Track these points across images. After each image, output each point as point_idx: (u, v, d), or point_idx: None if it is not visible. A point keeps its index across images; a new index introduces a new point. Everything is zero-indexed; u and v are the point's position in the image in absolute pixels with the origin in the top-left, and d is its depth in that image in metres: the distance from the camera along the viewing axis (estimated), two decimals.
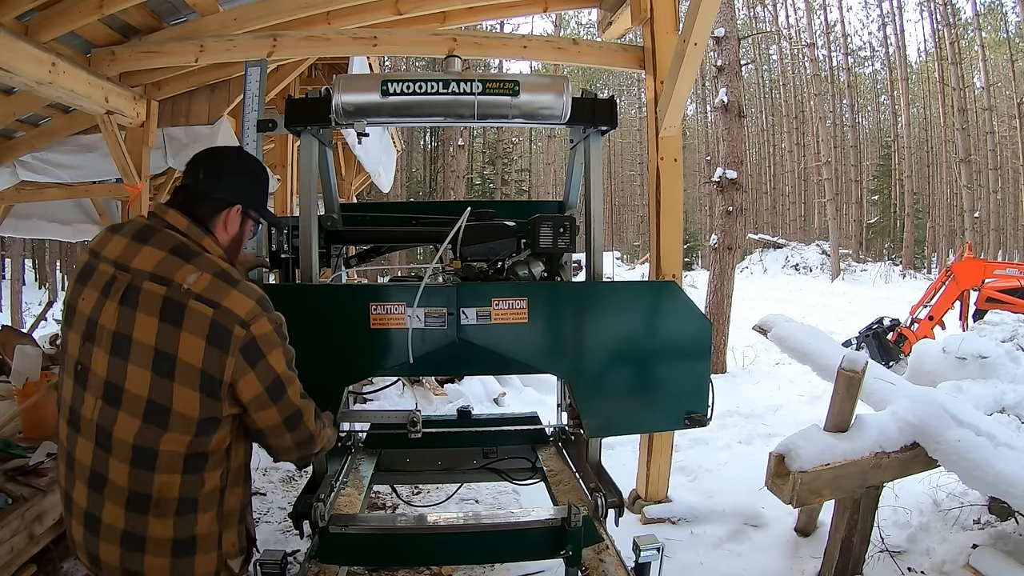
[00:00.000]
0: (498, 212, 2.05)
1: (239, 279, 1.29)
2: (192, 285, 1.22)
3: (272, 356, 1.27)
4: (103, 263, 1.28)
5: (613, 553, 1.84)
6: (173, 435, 1.20)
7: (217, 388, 1.21)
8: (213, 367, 1.21)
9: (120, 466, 1.20)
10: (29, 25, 2.93)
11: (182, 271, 1.23)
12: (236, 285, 1.26)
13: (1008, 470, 2.14)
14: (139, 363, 1.20)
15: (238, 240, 1.43)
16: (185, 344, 1.20)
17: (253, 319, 1.24)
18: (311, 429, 1.38)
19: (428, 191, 28.17)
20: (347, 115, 1.83)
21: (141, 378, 1.20)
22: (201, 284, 1.23)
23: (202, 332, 1.20)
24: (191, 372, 1.20)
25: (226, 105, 3.96)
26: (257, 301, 1.26)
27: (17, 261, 16.72)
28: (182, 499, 1.23)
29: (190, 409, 1.20)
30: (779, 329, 3.05)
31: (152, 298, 1.22)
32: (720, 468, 4.02)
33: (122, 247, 1.28)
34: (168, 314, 1.21)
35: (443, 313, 1.78)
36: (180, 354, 1.20)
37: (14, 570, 2.13)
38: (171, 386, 1.20)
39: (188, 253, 1.27)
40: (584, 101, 1.93)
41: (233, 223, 1.39)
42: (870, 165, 30.28)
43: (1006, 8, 25.28)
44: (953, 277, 7.06)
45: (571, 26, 34.65)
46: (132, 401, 1.20)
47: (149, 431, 1.20)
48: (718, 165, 7.85)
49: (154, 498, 1.21)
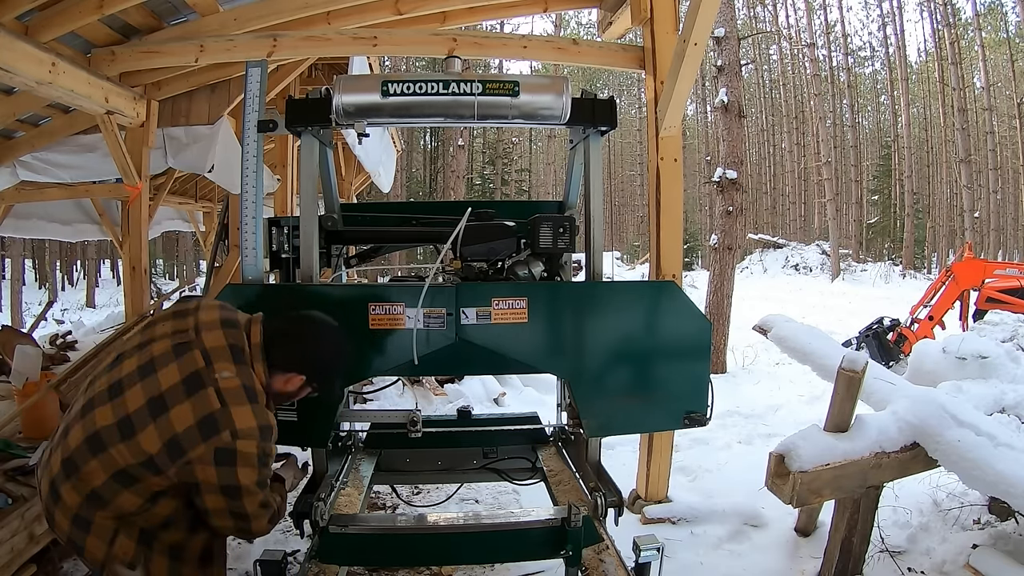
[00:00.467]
0: (498, 212, 2.05)
1: (260, 402, 1.44)
2: (222, 380, 1.40)
3: (242, 471, 1.39)
4: (192, 318, 1.50)
5: (613, 553, 1.84)
6: (124, 448, 1.36)
7: (178, 455, 1.36)
8: (186, 441, 1.35)
9: (82, 447, 1.38)
10: (29, 25, 2.93)
11: (224, 364, 1.42)
12: (253, 404, 1.41)
13: (1008, 470, 2.14)
14: (145, 389, 1.39)
15: (290, 395, 1.60)
16: (181, 411, 1.36)
17: (245, 435, 1.38)
18: (255, 530, 1.50)
19: (428, 191, 28.17)
20: (347, 115, 1.83)
21: (137, 397, 1.39)
22: (228, 384, 1.40)
23: (198, 415, 1.36)
24: (168, 428, 1.36)
25: (226, 105, 3.96)
26: (260, 427, 1.40)
27: (17, 261, 16.71)
28: (95, 491, 1.37)
29: (148, 446, 1.36)
30: (779, 329, 3.05)
31: (190, 363, 1.41)
32: (720, 468, 4.02)
33: (210, 320, 1.49)
34: (190, 382, 1.39)
35: (442, 314, 1.78)
36: (171, 413, 1.36)
37: (14, 570, 2.13)
38: (148, 423, 1.36)
39: (239, 359, 1.45)
40: (584, 101, 1.93)
41: (293, 385, 1.58)
42: (870, 165, 30.27)
43: (1006, 8, 25.30)
44: (953, 277, 7.06)
45: (571, 26, 34.66)
46: (119, 405, 1.39)
47: (111, 432, 1.37)
48: (718, 165, 7.84)
49: (80, 473, 1.37)
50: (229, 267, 4.97)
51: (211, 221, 8.42)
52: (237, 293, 1.83)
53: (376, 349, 1.82)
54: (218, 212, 8.11)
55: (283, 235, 2.12)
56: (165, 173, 5.07)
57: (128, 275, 3.90)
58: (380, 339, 1.80)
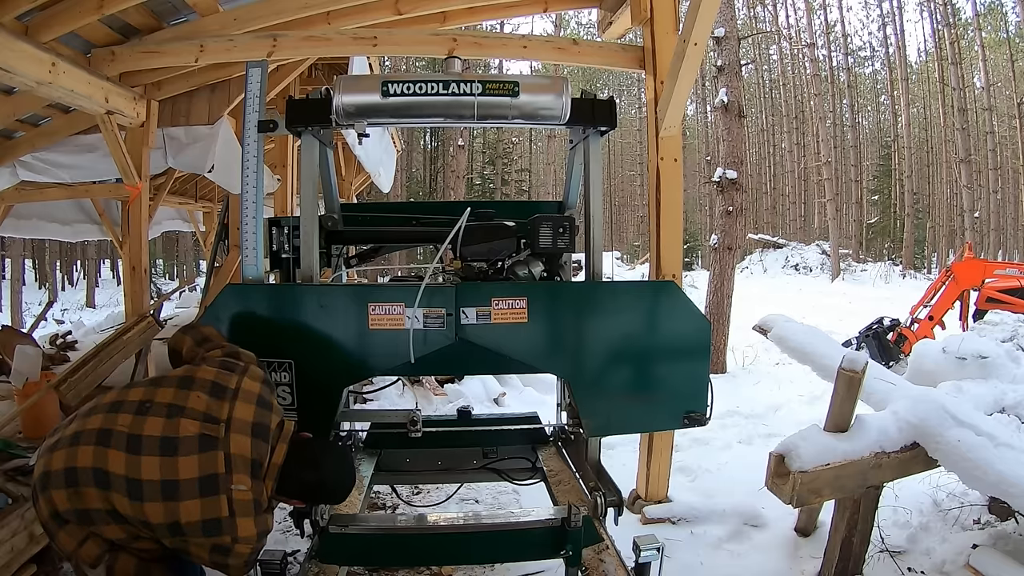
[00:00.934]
0: (498, 212, 2.05)
1: (263, 513, 1.48)
2: (237, 492, 1.43)
3: (233, 561, 1.46)
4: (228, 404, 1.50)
5: (613, 553, 1.84)
6: (127, 502, 1.37)
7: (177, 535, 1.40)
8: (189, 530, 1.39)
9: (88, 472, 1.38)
10: (29, 25, 2.93)
11: (242, 477, 1.44)
12: (257, 516, 1.46)
13: (1008, 470, 2.15)
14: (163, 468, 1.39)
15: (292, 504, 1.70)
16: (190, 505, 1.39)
17: (244, 542, 1.44)
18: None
19: (428, 191, 28.15)
20: (348, 116, 1.83)
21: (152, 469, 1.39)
22: (241, 496, 1.43)
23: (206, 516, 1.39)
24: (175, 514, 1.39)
25: (226, 105, 3.95)
26: (259, 533, 1.47)
27: (17, 261, 16.71)
28: (87, 510, 1.39)
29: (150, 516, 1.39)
30: (779, 329, 3.05)
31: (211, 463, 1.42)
32: (720, 468, 4.02)
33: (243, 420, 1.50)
34: (206, 484, 1.40)
35: (442, 314, 1.77)
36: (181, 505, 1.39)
37: (14, 570, 2.13)
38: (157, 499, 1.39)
39: (256, 475, 1.47)
40: (583, 102, 1.93)
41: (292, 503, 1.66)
42: (870, 165, 30.27)
43: (1006, 8, 25.30)
44: (953, 277, 7.05)
45: (571, 26, 34.64)
46: (134, 463, 1.39)
47: (120, 482, 1.38)
48: (718, 165, 7.84)
49: (79, 490, 1.37)
50: (229, 267, 4.97)
51: (211, 221, 8.42)
52: (237, 293, 1.83)
53: (375, 349, 1.82)
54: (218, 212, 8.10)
55: (283, 235, 2.12)
56: (165, 173, 5.06)
57: (128, 275, 3.89)
58: (379, 339, 1.80)
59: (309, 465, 1.58)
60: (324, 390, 1.85)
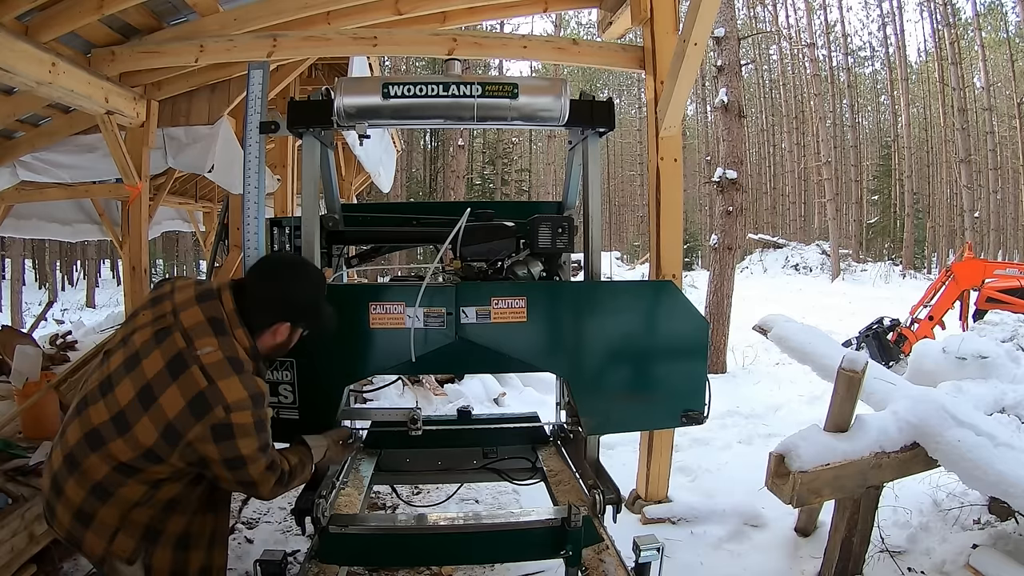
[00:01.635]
0: (497, 212, 2.05)
1: (247, 370, 1.41)
2: (204, 356, 1.38)
3: (242, 441, 1.38)
4: (168, 301, 1.47)
5: (613, 553, 1.84)
6: (122, 443, 1.36)
7: (175, 439, 1.35)
8: (181, 424, 1.34)
9: (81, 443, 1.39)
10: (29, 25, 2.93)
11: (204, 340, 1.40)
12: (240, 374, 1.39)
13: (1008, 470, 2.14)
14: (134, 381, 1.39)
15: (281, 346, 1.57)
16: (170, 395, 1.35)
17: (238, 408, 1.36)
18: (262, 494, 1.49)
19: (428, 191, 28.15)
20: (349, 117, 1.84)
21: (127, 391, 1.38)
22: (211, 359, 1.38)
23: (187, 396, 1.35)
24: (162, 416, 1.35)
25: (226, 105, 3.95)
26: (251, 395, 1.38)
27: (17, 261, 16.71)
28: (98, 483, 1.38)
29: (145, 438, 1.35)
30: (779, 329, 3.05)
31: (171, 346, 1.39)
32: (720, 468, 4.02)
33: (186, 299, 1.47)
34: (173, 365, 1.37)
35: (442, 313, 1.78)
36: (162, 399, 1.35)
37: (14, 570, 2.13)
38: (142, 415, 1.36)
39: (219, 329, 1.43)
40: (582, 103, 1.94)
41: (282, 335, 1.55)
42: (870, 165, 30.27)
43: (1006, 8, 25.30)
44: (953, 277, 7.06)
45: (571, 26, 34.66)
46: (111, 400, 1.39)
47: (108, 428, 1.37)
48: (718, 165, 7.85)
49: (82, 467, 1.38)
50: (229, 267, 4.96)
51: (211, 221, 8.41)
52: None
53: (376, 348, 1.82)
54: (218, 212, 8.11)
55: (284, 235, 2.13)
56: (165, 173, 5.06)
57: (128, 275, 3.89)
58: (380, 338, 1.80)
59: (265, 282, 1.52)
60: (325, 389, 1.86)
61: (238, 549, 2.88)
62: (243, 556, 2.78)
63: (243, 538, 2.99)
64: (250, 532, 3.06)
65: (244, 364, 1.41)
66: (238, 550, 2.86)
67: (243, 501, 3.32)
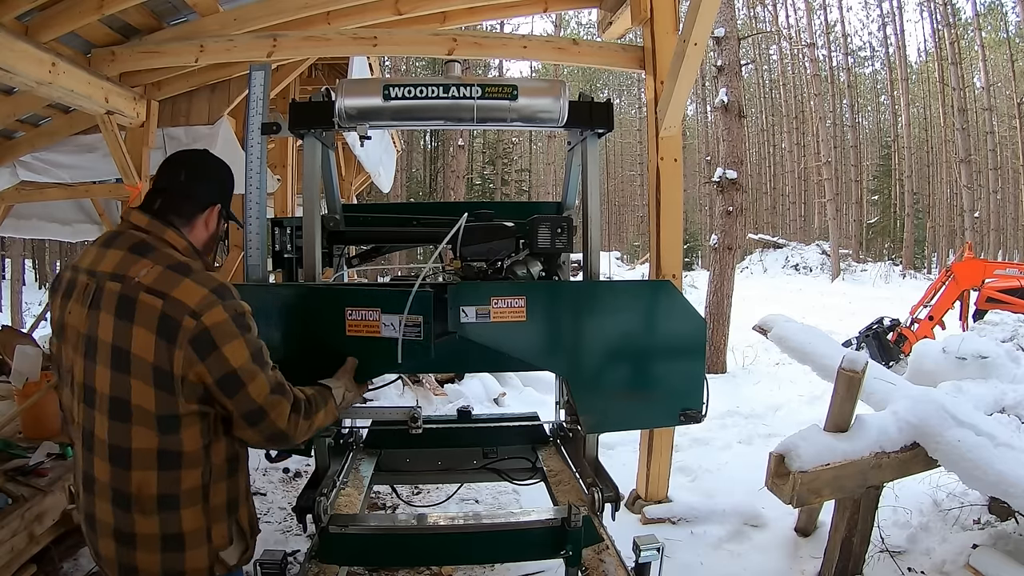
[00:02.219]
0: (497, 213, 2.06)
1: (196, 269, 1.27)
2: (143, 278, 1.22)
3: (228, 348, 1.22)
4: (81, 275, 1.31)
5: (613, 553, 1.84)
6: (140, 430, 1.21)
7: (170, 383, 1.20)
8: (163, 361, 1.19)
9: (102, 464, 1.23)
10: (29, 25, 2.93)
11: (136, 266, 1.24)
12: (190, 275, 1.24)
13: (1008, 470, 2.15)
14: (102, 361, 1.22)
15: (215, 238, 1.47)
16: (138, 339, 1.20)
17: (205, 308, 1.21)
18: (280, 427, 1.30)
19: (428, 191, 28.15)
20: (350, 119, 1.85)
21: (103, 376, 1.22)
22: (151, 276, 1.22)
23: (151, 325, 1.20)
24: (144, 366, 1.20)
25: (226, 105, 3.95)
26: (212, 290, 1.23)
27: (17, 261, 16.70)
28: (162, 496, 1.22)
29: (147, 404, 1.20)
30: (779, 329, 3.05)
31: (110, 296, 1.23)
32: (720, 468, 4.02)
33: (93, 255, 1.31)
34: (122, 310, 1.21)
35: (419, 321, 1.65)
36: (133, 348, 1.20)
37: (14, 570, 2.13)
38: (128, 380, 1.20)
39: (145, 248, 1.27)
40: (581, 104, 1.94)
41: (212, 222, 1.44)
42: (870, 165, 30.28)
43: (1006, 8, 25.31)
44: (953, 277, 7.06)
45: (571, 26, 34.67)
46: (100, 400, 1.22)
47: (117, 428, 1.21)
48: (718, 165, 7.85)
49: (134, 495, 1.21)
50: (229, 267, 4.96)
51: None
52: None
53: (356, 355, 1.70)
54: None
55: (286, 235, 2.13)
56: None
57: None
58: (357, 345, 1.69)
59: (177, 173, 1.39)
60: None
61: None
62: None
63: None
64: None
65: (189, 264, 1.28)
66: None
67: None
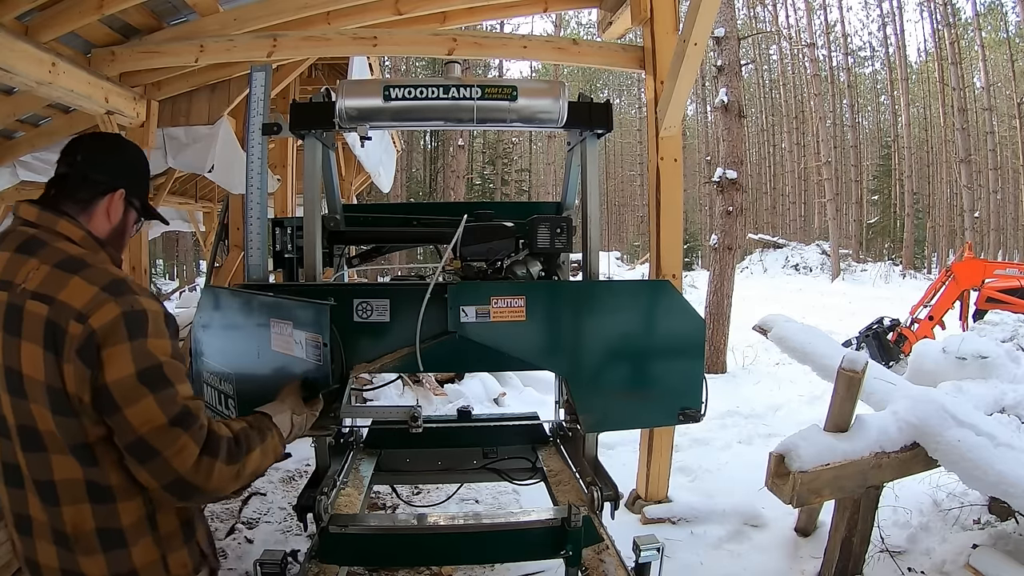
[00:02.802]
0: (497, 213, 2.06)
1: (93, 264, 1.05)
2: (28, 282, 1.01)
3: (107, 353, 0.98)
4: None
5: (613, 553, 1.84)
6: (59, 459, 1.02)
7: (66, 404, 1.00)
8: (54, 379, 0.99)
9: (34, 501, 1.04)
10: (29, 25, 2.93)
11: (24, 268, 1.03)
12: (81, 271, 1.02)
13: (1008, 470, 2.15)
14: (0, 386, 1.03)
15: (121, 231, 1.22)
16: (26, 355, 1.00)
17: (93, 308, 0.99)
18: (181, 473, 1.01)
19: (428, 191, 28.16)
20: (350, 119, 1.85)
21: (5, 403, 1.03)
22: (37, 278, 1.02)
23: (38, 337, 1.00)
24: (37, 388, 1.00)
25: (226, 105, 3.96)
26: (104, 286, 1.01)
27: None
28: (102, 531, 1.04)
29: (55, 430, 1.01)
30: (779, 329, 3.05)
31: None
32: (720, 468, 4.02)
33: None
34: (9, 323, 1.02)
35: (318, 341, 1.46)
36: (23, 368, 1.01)
37: (14, 570, 2.13)
38: (27, 406, 1.01)
39: (34, 246, 1.06)
40: (580, 105, 1.95)
41: (116, 210, 1.19)
42: (870, 165, 30.30)
43: (1006, 8, 25.33)
44: (953, 277, 7.06)
45: (571, 26, 34.68)
46: (12, 430, 1.04)
47: (34, 459, 1.03)
48: (718, 165, 7.85)
49: (70, 534, 1.03)
50: (229, 267, 4.97)
51: (211, 221, 8.43)
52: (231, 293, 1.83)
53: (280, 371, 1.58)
54: (218, 212, 8.12)
55: (286, 235, 2.14)
56: (165, 173, 5.06)
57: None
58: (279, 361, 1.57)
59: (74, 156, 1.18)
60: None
61: (238, 549, 2.88)
62: (243, 556, 2.78)
63: (243, 538, 2.99)
64: (250, 532, 3.06)
65: (84, 259, 1.06)
66: (238, 550, 2.86)
67: (243, 501, 3.31)
